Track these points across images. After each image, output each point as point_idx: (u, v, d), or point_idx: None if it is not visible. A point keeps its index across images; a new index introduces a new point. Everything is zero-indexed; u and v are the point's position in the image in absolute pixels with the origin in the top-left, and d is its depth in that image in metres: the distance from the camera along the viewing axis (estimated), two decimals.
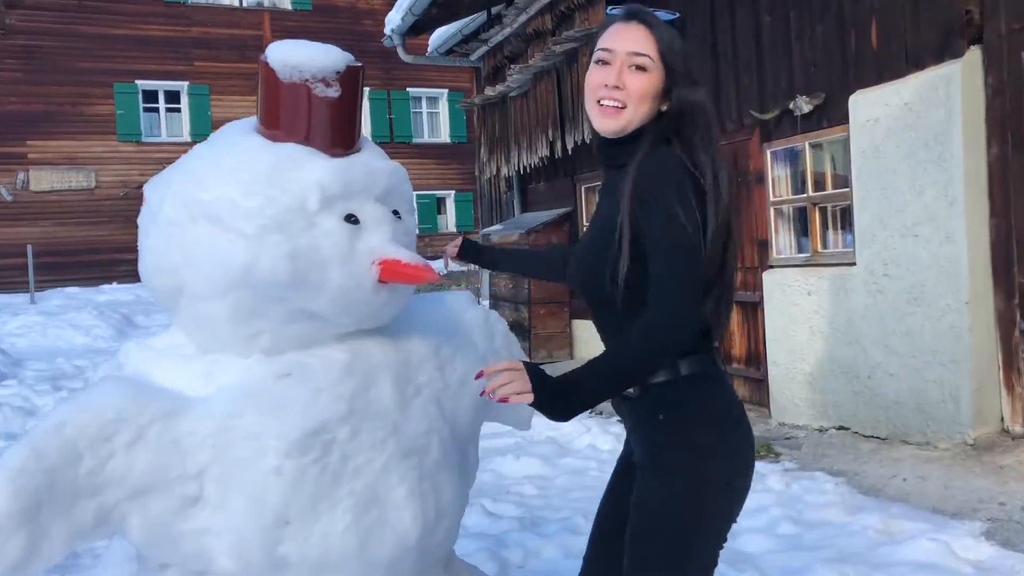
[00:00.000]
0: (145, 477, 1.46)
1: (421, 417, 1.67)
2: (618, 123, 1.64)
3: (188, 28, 21.98)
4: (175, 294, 1.60)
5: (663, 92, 1.64)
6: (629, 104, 1.63)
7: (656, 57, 1.63)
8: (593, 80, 1.67)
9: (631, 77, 1.63)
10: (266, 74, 1.59)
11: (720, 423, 1.65)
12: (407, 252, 1.60)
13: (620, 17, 1.69)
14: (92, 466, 1.42)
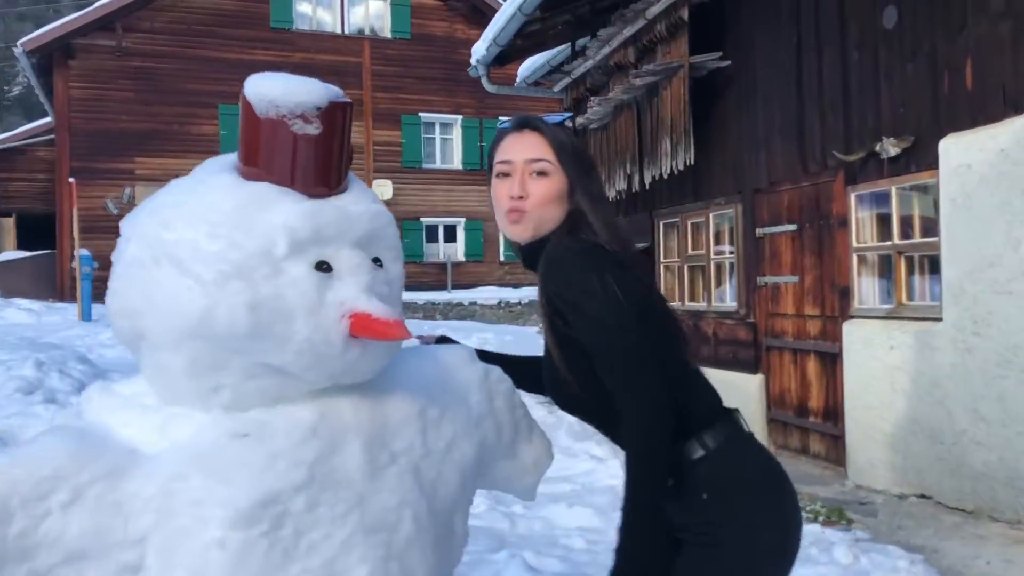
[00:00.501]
0: (81, 541, 1.34)
1: (393, 488, 1.51)
2: (525, 229, 1.72)
3: (292, 54, 22.65)
4: (137, 339, 1.49)
5: (568, 192, 1.71)
6: (532, 210, 1.70)
7: (554, 160, 1.71)
8: (498, 193, 1.75)
9: (533, 184, 1.71)
10: (243, 107, 1.47)
11: (763, 487, 1.65)
12: (379, 305, 1.45)
13: (512, 128, 1.77)
14: (23, 527, 1.31)
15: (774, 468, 1.70)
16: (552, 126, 1.76)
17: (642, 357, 1.55)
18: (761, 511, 1.62)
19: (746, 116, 7.18)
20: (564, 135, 1.75)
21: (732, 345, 7.43)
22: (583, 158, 1.77)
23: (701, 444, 1.64)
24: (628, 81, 7.87)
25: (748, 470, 1.66)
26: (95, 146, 20.67)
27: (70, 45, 20.81)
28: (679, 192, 8.17)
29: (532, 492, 1.96)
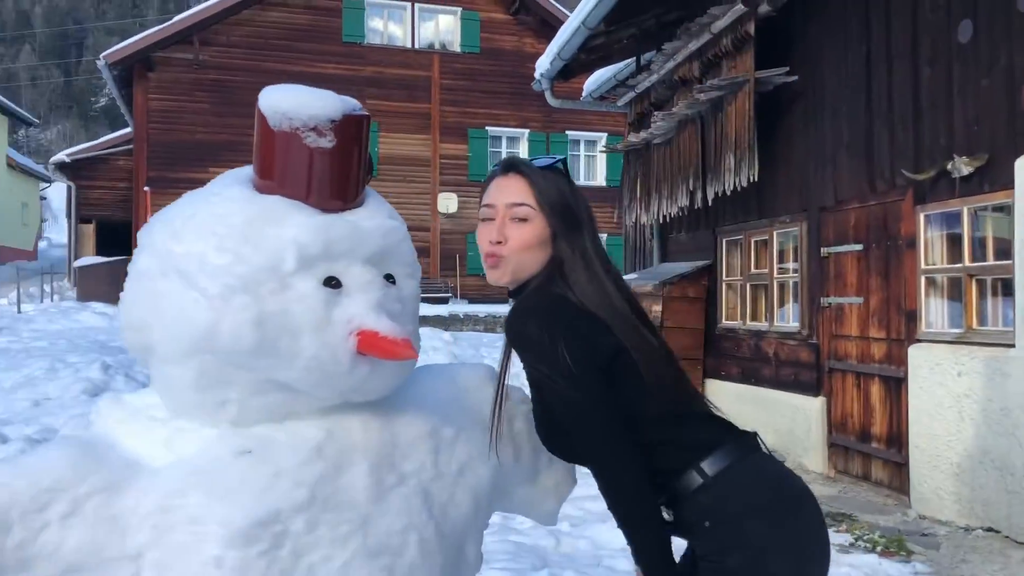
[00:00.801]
0: (78, 554, 1.33)
1: (399, 511, 1.47)
2: (503, 274, 1.67)
3: (362, 68, 22.99)
4: (146, 352, 1.48)
5: (551, 239, 1.66)
6: (510, 255, 1.66)
7: (535, 205, 1.66)
8: (480, 237, 1.71)
9: (512, 229, 1.66)
10: (258, 119, 1.45)
11: (771, 511, 1.58)
12: (388, 323, 1.41)
13: (498, 172, 1.73)
14: (22, 538, 1.30)
15: (788, 490, 1.63)
16: (539, 170, 1.69)
17: (593, 419, 1.55)
18: (770, 536, 1.56)
19: (813, 132, 7.00)
20: (548, 181, 1.68)
21: (793, 366, 7.22)
22: (570, 206, 1.68)
23: (700, 473, 1.58)
24: (692, 96, 7.75)
25: (752, 495, 1.59)
26: (171, 156, 21.27)
27: (150, 58, 21.49)
28: (743, 209, 8.01)
29: (553, 517, 1.90)
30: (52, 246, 41.86)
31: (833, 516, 5.52)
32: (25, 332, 14.75)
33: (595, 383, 1.55)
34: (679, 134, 8.38)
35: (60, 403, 8.06)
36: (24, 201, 37.52)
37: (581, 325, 1.58)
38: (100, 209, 24.96)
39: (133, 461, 1.42)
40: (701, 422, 1.68)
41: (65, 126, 67.89)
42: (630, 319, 1.64)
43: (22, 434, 6.63)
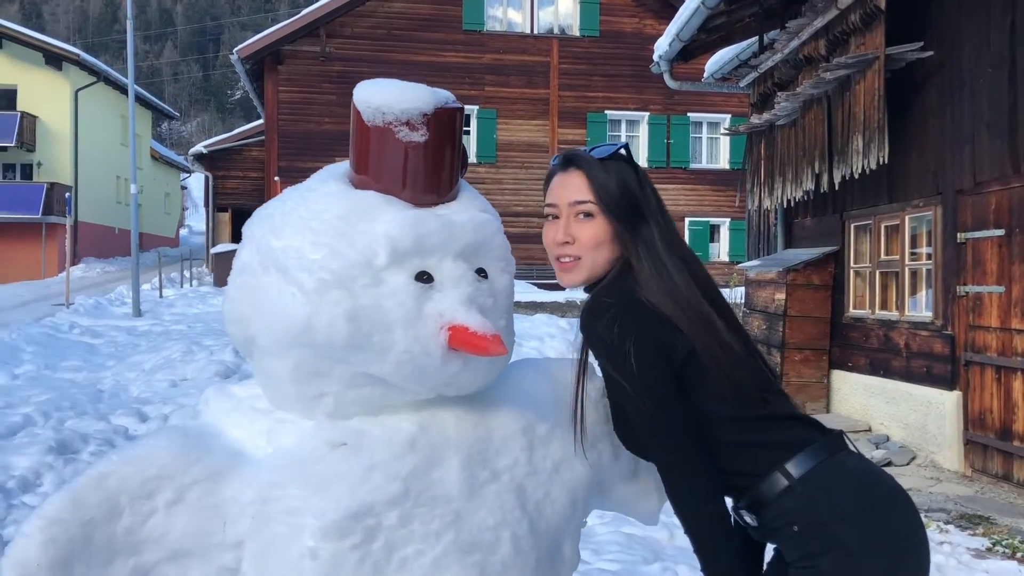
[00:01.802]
0: (184, 540, 1.38)
1: (492, 507, 1.46)
2: (579, 275, 1.62)
3: (482, 55, 23.16)
4: (248, 344, 1.52)
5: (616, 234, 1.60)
6: (584, 254, 1.61)
7: (595, 201, 1.60)
8: (547, 238, 1.66)
9: (579, 227, 1.61)
10: (353, 115, 1.46)
11: (862, 513, 1.51)
12: (478, 318, 1.40)
13: (558, 168, 1.67)
14: (131, 523, 1.36)
15: (879, 490, 1.56)
16: (597, 163, 1.61)
17: (661, 425, 1.51)
18: (862, 539, 1.49)
19: (949, 110, 6.59)
20: (608, 172, 1.60)
21: (926, 359, 6.85)
22: (632, 196, 1.60)
23: (785, 475, 1.52)
24: (818, 75, 7.43)
25: (841, 496, 1.53)
26: (299, 147, 22.01)
27: (279, 51, 22.27)
28: (872, 193, 7.64)
29: (655, 516, 1.85)
30: (192, 233, 44.19)
31: (968, 518, 5.22)
32: (166, 316, 15.62)
33: (664, 388, 1.50)
34: (804, 115, 8.06)
35: (195, 384, 8.49)
36: (167, 191, 39.72)
37: (652, 326, 1.52)
38: (235, 198, 26.10)
39: (236, 451, 1.46)
40: (784, 422, 1.59)
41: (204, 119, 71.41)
42: (701, 314, 1.55)
43: (160, 413, 7.02)
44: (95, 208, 29.47)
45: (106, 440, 5.99)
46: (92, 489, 1.36)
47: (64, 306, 16.63)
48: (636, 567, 4.02)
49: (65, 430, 6.12)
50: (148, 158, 35.60)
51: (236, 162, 26.23)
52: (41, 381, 8.71)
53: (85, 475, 1.38)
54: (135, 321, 14.67)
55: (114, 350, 11.23)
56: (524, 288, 19.14)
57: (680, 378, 1.52)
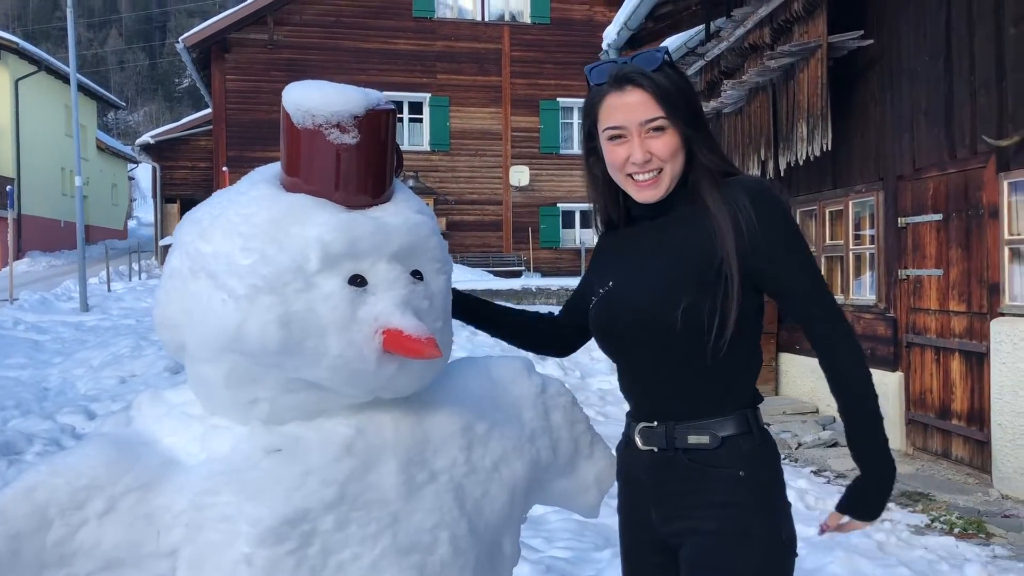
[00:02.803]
0: (116, 551, 1.36)
1: (431, 508, 1.46)
2: (663, 188, 1.63)
3: (433, 42, 23.03)
4: (180, 350, 1.50)
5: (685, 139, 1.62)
6: (665, 167, 1.61)
7: (666, 114, 1.59)
8: (616, 158, 1.64)
9: (654, 142, 1.60)
10: (283, 117, 1.45)
11: (780, 477, 1.64)
12: (413, 321, 1.40)
13: (611, 86, 1.63)
14: (61, 535, 1.34)
15: None
16: (654, 76, 1.59)
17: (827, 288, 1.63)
18: (781, 502, 1.62)
19: (889, 98, 6.72)
20: (667, 81, 1.60)
21: (870, 341, 7.01)
22: (690, 100, 1.63)
23: (748, 421, 1.62)
24: (763, 63, 7.53)
25: (776, 456, 1.66)
26: (248, 136, 21.69)
27: (226, 40, 21.90)
28: (816, 179, 7.77)
29: (595, 510, 1.87)
30: (141, 225, 43.38)
31: (909, 495, 5.36)
32: (115, 310, 15.34)
33: None
34: (750, 103, 8.16)
35: (144, 380, 8.36)
36: (114, 182, 38.89)
37: None
38: (183, 189, 25.68)
39: (169, 458, 1.44)
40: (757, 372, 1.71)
41: (151, 108, 69.96)
42: None
43: (108, 410, 6.90)
44: (39, 201, 28.75)
45: (52, 439, 5.89)
46: (19, 502, 1.33)
47: (8, 302, 16.24)
48: (588, 554, 4.07)
49: (8, 430, 5.99)
50: (94, 149, 34.82)
51: (184, 152, 25.80)
52: None
53: (11, 487, 1.36)
54: (82, 316, 14.38)
55: (60, 346, 11.01)
56: (480, 276, 19.13)
57: None
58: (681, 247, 1.61)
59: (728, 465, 1.58)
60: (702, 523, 1.57)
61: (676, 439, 1.61)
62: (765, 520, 1.57)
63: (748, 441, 1.60)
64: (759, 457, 1.60)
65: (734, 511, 1.56)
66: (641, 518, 1.69)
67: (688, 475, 1.60)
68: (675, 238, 1.62)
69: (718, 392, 1.61)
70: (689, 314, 1.55)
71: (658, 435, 1.63)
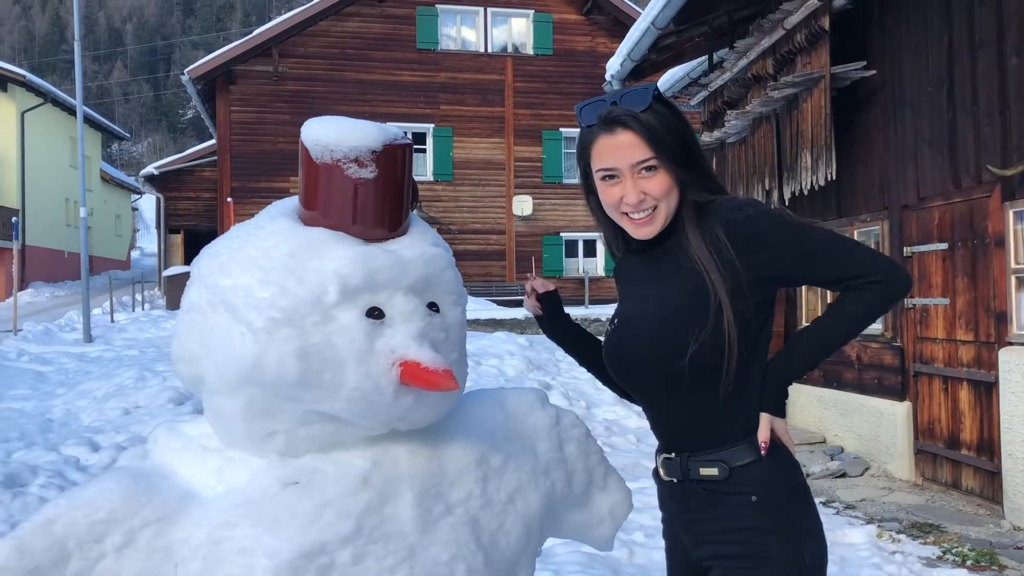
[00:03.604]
0: None
1: (447, 541, 1.46)
2: (658, 224, 1.65)
3: (436, 74, 23.21)
4: (198, 383, 1.51)
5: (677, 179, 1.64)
6: (659, 204, 1.64)
7: (656, 154, 1.61)
8: (610, 198, 1.66)
9: (647, 182, 1.63)
10: (301, 152, 1.47)
11: (806, 498, 1.65)
12: (430, 353, 1.40)
13: (600, 129, 1.65)
14: (79, 568, 1.34)
15: (805, 479, 1.70)
16: (643, 116, 1.61)
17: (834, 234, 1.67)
18: (803, 522, 1.62)
19: (893, 128, 6.76)
20: (656, 120, 1.61)
21: (877, 370, 6.99)
22: (681, 138, 1.64)
23: (755, 447, 1.62)
24: (766, 93, 7.58)
25: (793, 479, 1.65)
26: (252, 167, 21.82)
27: (231, 71, 22.09)
28: (821, 208, 7.79)
29: (609, 543, 1.86)
30: (144, 255, 43.51)
31: (920, 527, 5.32)
32: (118, 341, 15.33)
33: None
34: (754, 132, 8.21)
35: (148, 411, 8.34)
36: (117, 213, 39.07)
37: None
38: (187, 219, 25.78)
39: (186, 492, 1.44)
40: None
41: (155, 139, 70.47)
42: None
43: (113, 442, 6.87)
44: (44, 232, 28.87)
45: (56, 471, 5.86)
46: (38, 535, 1.33)
47: (11, 333, 16.24)
48: None
49: (13, 462, 5.97)
50: (98, 180, 35.01)
51: (188, 183, 25.93)
52: None
53: (31, 521, 1.36)
54: (86, 347, 14.38)
55: (64, 377, 11.00)
56: (484, 305, 19.15)
57: None
58: (675, 281, 1.64)
59: (740, 491, 1.61)
60: (724, 547, 1.61)
61: (690, 471, 1.66)
62: (784, 541, 1.58)
63: (759, 467, 1.62)
64: (773, 480, 1.62)
65: (751, 535, 1.59)
66: (676, 543, 1.74)
67: (705, 504, 1.64)
68: (671, 271, 1.66)
69: (728, 422, 1.64)
70: (696, 363, 1.58)
71: (675, 466, 1.68)
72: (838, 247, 1.62)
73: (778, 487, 1.62)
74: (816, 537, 1.63)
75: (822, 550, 1.62)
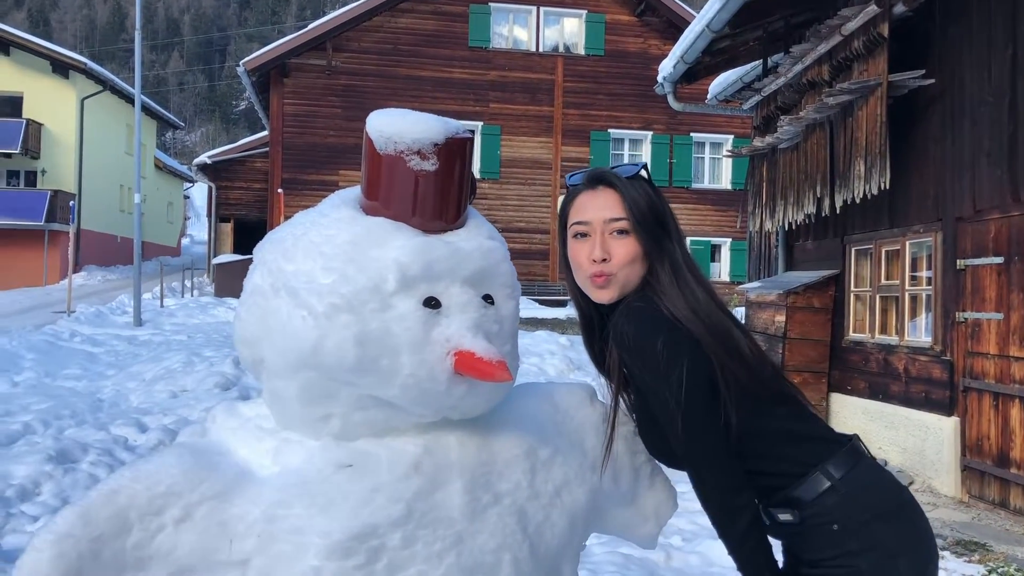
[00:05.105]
0: (191, 557, 1.40)
1: (494, 530, 1.48)
2: (614, 291, 1.66)
3: (487, 71, 23.30)
4: (258, 365, 1.55)
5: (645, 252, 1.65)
6: (619, 272, 1.65)
7: (629, 218, 1.64)
8: (579, 256, 1.69)
9: (615, 244, 1.65)
10: (365, 143, 1.50)
11: (895, 513, 1.62)
12: (484, 344, 1.42)
13: (585, 185, 1.71)
14: (140, 539, 1.38)
15: (905, 495, 1.67)
16: (627, 181, 1.67)
17: (693, 425, 1.55)
18: (897, 538, 1.59)
19: (950, 138, 6.65)
20: (637, 190, 1.67)
21: (925, 383, 6.88)
22: (659, 215, 1.67)
23: (826, 475, 1.60)
24: (821, 99, 7.50)
25: (878, 497, 1.63)
26: (303, 159, 22.12)
27: (285, 64, 22.40)
28: (873, 218, 7.69)
29: (653, 541, 1.87)
30: (194, 243, 44.27)
31: (965, 544, 5.23)
32: (167, 325, 15.64)
33: (697, 389, 1.55)
34: (807, 139, 8.12)
35: (195, 395, 8.50)
36: (169, 200, 39.82)
37: (681, 333, 1.58)
38: (238, 209, 26.18)
39: (243, 470, 1.48)
40: (817, 424, 1.70)
41: (208, 129, 71.64)
42: (721, 326, 1.62)
43: (160, 424, 7.03)
44: (98, 216, 29.54)
45: (105, 450, 6.01)
46: (102, 505, 1.38)
47: (65, 314, 16.66)
48: None
49: (64, 439, 6.13)
50: (152, 167, 35.71)
51: (239, 173, 26.33)
52: (41, 389, 8.72)
53: (95, 490, 1.40)
54: (136, 330, 14.69)
55: (114, 359, 11.25)
56: (525, 304, 19.19)
57: (711, 386, 1.58)
58: None
59: (820, 523, 1.60)
60: (825, 570, 1.59)
61: (772, 515, 1.65)
62: (877, 560, 1.56)
63: (831, 496, 1.60)
64: (850, 503, 1.59)
65: (843, 559, 1.58)
66: None
67: (796, 540, 1.64)
68: None
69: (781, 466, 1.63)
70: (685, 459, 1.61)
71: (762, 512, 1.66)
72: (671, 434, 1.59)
73: (859, 508, 1.59)
74: (917, 552, 1.61)
75: (924, 568, 1.60)
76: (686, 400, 1.54)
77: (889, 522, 1.60)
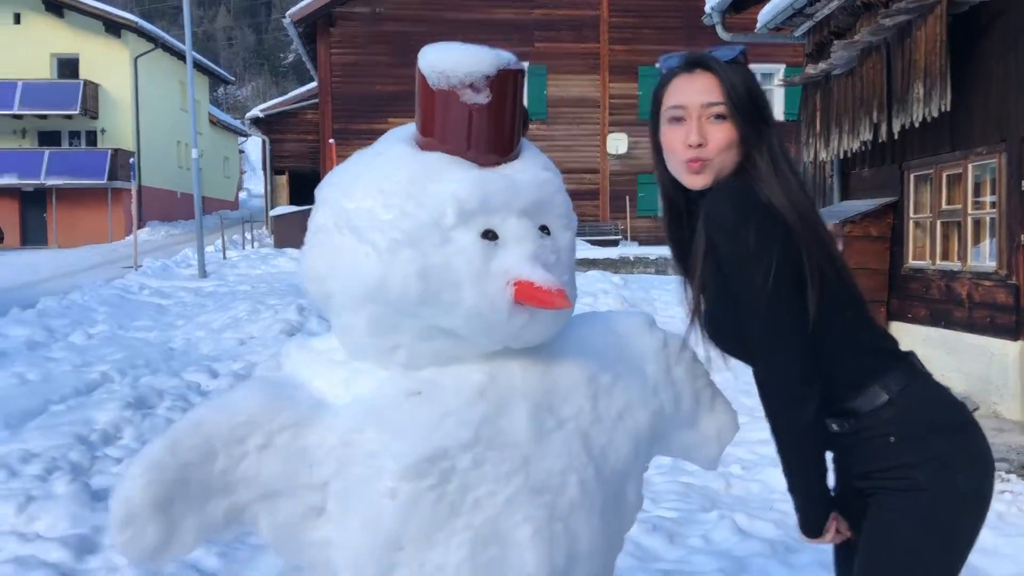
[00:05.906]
0: (274, 482, 1.49)
1: (560, 453, 1.54)
2: (708, 177, 1.63)
3: (531, 11, 22.92)
4: (326, 300, 1.62)
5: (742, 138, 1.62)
6: (715, 158, 1.62)
7: (727, 103, 1.60)
8: (673, 141, 1.65)
9: (712, 129, 1.61)
10: (418, 79, 1.53)
11: (953, 428, 1.62)
12: (543, 273, 1.47)
13: (682, 68, 1.66)
14: (226, 465, 1.48)
15: (962, 410, 1.66)
16: (725, 65, 1.62)
17: (776, 320, 1.54)
18: (955, 452, 1.60)
19: (1013, 56, 6.40)
20: (738, 76, 1.62)
21: (989, 309, 6.75)
22: (757, 101, 1.63)
23: (885, 388, 1.60)
24: (877, 21, 7.27)
25: (936, 411, 1.63)
26: (352, 108, 22.15)
27: (331, 14, 22.33)
28: (933, 142, 7.48)
29: (714, 462, 1.92)
30: (251, 196, 44.91)
31: None
32: (230, 276, 16.01)
33: (785, 274, 1.53)
34: (862, 64, 7.90)
35: (262, 342, 8.74)
36: (225, 155, 40.35)
37: (774, 217, 1.56)
38: (292, 161, 26.42)
39: (318, 400, 1.56)
40: (877, 338, 1.70)
41: (258, 83, 71.99)
42: (813, 217, 1.61)
43: (230, 370, 7.26)
44: (157, 173, 30.12)
45: (180, 395, 6.24)
46: (188, 434, 1.48)
47: (133, 268, 17.15)
48: (694, 515, 4.11)
49: (141, 386, 6.38)
50: (207, 123, 36.15)
51: (291, 125, 26.48)
52: (115, 340, 9.05)
53: (181, 421, 1.50)
54: (201, 282, 15.07)
55: (182, 310, 11.58)
56: (577, 245, 19.14)
57: (794, 270, 1.55)
58: None
59: (876, 435, 1.61)
60: (877, 482, 1.61)
61: (829, 424, 1.65)
62: (934, 472, 1.56)
63: (890, 408, 1.60)
64: (908, 417, 1.60)
65: (898, 471, 1.59)
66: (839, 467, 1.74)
67: (850, 449, 1.65)
68: None
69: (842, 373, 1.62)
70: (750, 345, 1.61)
71: None
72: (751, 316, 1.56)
73: (916, 423, 1.59)
74: (975, 467, 1.61)
75: (981, 482, 1.61)
76: (774, 283, 1.51)
77: (948, 437, 1.60)
